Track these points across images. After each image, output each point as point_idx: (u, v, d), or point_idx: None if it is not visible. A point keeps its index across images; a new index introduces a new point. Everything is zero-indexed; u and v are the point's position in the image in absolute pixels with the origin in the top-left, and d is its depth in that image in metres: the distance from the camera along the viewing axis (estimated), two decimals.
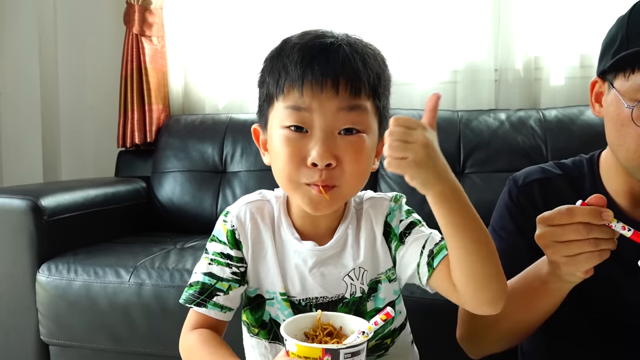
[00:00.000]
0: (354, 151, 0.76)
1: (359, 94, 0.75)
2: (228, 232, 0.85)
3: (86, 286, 1.57)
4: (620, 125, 0.84)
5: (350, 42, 0.79)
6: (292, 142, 0.76)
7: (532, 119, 2.01)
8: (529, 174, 1.01)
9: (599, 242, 0.71)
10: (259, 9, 2.39)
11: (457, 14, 2.23)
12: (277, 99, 0.78)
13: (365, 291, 0.84)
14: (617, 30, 0.88)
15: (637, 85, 0.81)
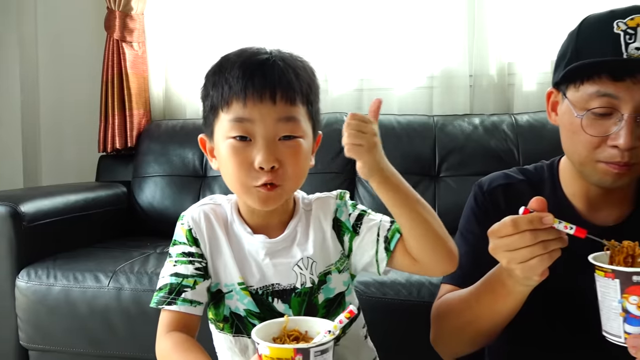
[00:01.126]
0: (294, 155, 0.86)
1: (294, 102, 0.86)
2: (186, 232, 0.92)
3: (65, 291, 1.59)
4: (572, 133, 0.89)
5: (283, 57, 0.88)
6: (238, 150, 0.85)
7: (505, 123, 2.06)
8: (493, 180, 1.06)
9: (548, 244, 0.75)
10: (239, 14, 2.43)
11: (433, 22, 2.28)
12: (222, 111, 0.86)
13: (315, 282, 0.91)
14: (567, 44, 0.93)
15: (587, 96, 0.86)
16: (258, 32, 2.41)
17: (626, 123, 0.83)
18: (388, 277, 1.44)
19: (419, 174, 2.04)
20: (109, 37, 2.38)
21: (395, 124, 2.14)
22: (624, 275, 0.72)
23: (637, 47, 0.82)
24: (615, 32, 0.84)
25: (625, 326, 0.73)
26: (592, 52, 0.86)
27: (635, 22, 0.83)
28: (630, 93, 0.82)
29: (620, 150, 0.84)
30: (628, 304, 0.72)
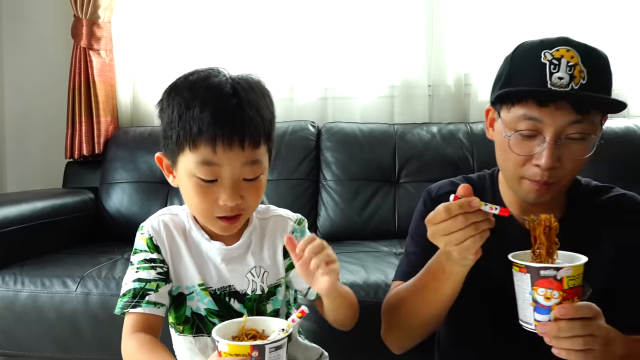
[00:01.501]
0: (256, 190, 0.93)
1: (259, 145, 0.90)
2: (147, 240, 0.98)
3: (33, 297, 1.62)
4: (503, 150, 0.98)
5: (249, 98, 0.89)
6: (204, 189, 0.90)
7: (461, 132, 2.17)
8: (440, 187, 1.15)
9: (478, 225, 0.83)
10: (205, 23, 2.48)
11: (394, 35, 2.39)
12: (189, 149, 0.89)
13: (265, 291, 0.98)
14: (503, 68, 1.02)
15: (516, 118, 0.94)
16: (224, 42, 2.47)
17: (548, 145, 0.92)
18: (346, 279, 1.52)
19: (379, 180, 2.14)
20: (76, 44, 2.40)
21: (358, 132, 2.23)
22: (534, 270, 0.81)
23: (559, 77, 0.90)
24: (542, 61, 0.92)
25: (535, 315, 0.82)
26: (522, 78, 0.94)
27: (559, 54, 0.92)
28: (553, 118, 0.91)
29: (541, 170, 0.93)
30: (537, 295, 0.81)
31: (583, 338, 0.80)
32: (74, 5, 2.36)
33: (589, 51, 0.94)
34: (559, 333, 0.80)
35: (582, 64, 0.91)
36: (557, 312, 0.80)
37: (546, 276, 0.80)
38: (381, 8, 2.38)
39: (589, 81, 0.90)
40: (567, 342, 0.80)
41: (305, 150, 2.21)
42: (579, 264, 0.82)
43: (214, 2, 2.48)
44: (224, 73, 0.93)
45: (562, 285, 0.80)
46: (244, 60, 2.44)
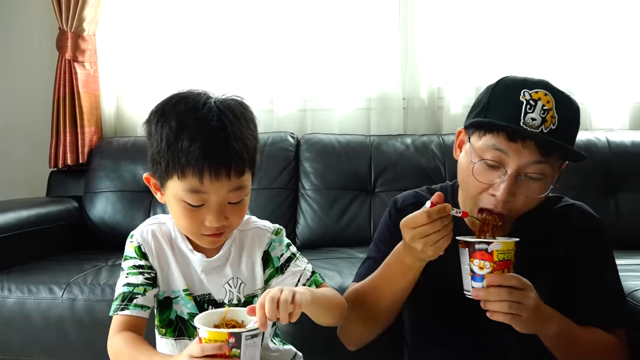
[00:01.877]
0: (240, 211, 1.01)
1: (244, 173, 0.97)
2: (135, 248, 1.06)
3: (20, 303, 1.67)
4: (466, 174, 1.07)
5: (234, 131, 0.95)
6: (191, 212, 0.97)
7: (433, 143, 2.28)
8: (405, 199, 1.24)
9: (448, 227, 0.96)
10: (188, 35, 2.55)
11: (370, 50, 2.49)
12: (177, 178, 0.95)
13: (242, 301, 1.06)
14: (483, 96, 1.09)
15: (485, 147, 1.02)
16: (206, 55, 2.54)
17: (507, 178, 1.00)
18: None
19: (356, 189, 2.23)
20: (61, 57, 2.45)
21: (336, 143, 2.32)
22: (471, 245, 0.97)
23: (532, 118, 0.98)
24: (521, 99, 0.99)
25: (472, 283, 0.98)
26: (499, 111, 1.02)
27: (538, 96, 0.99)
28: (518, 154, 0.99)
29: (497, 200, 1.02)
30: (473, 265, 0.97)
31: (509, 303, 0.94)
32: (59, 18, 2.42)
33: (565, 100, 1.01)
34: (487, 297, 0.95)
35: (556, 110, 0.98)
36: (488, 279, 0.95)
37: (479, 249, 0.96)
38: (358, 25, 2.49)
39: (558, 127, 0.98)
40: (496, 305, 0.94)
41: (285, 160, 2.29)
42: (509, 241, 0.96)
43: (196, 16, 2.55)
44: (210, 101, 0.96)
45: (493, 257, 0.95)
46: (226, 73, 2.52)
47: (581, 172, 2.13)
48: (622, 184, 2.16)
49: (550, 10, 2.46)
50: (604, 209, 2.11)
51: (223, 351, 0.82)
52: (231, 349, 0.83)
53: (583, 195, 1.22)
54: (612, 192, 2.15)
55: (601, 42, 2.43)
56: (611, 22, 2.42)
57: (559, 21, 2.46)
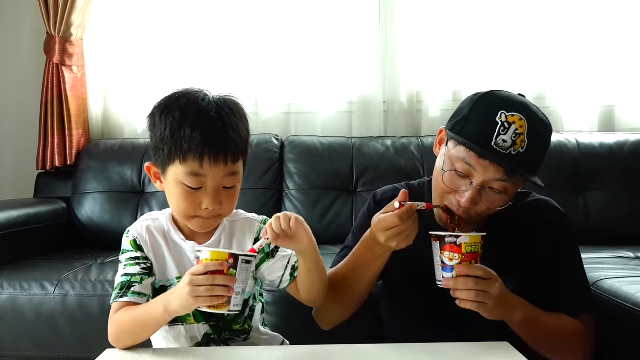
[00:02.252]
0: (233, 197, 1.10)
1: (238, 160, 1.08)
2: (131, 242, 1.13)
3: (12, 299, 1.72)
4: (437, 175, 1.16)
5: (231, 122, 1.06)
6: (190, 195, 1.06)
7: (412, 145, 2.37)
8: (384, 192, 1.32)
9: (415, 220, 1.06)
10: (174, 39, 2.62)
11: (352, 56, 2.58)
12: (179, 162, 1.04)
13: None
14: (464, 107, 1.14)
15: (457, 157, 1.10)
16: (192, 59, 2.61)
17: (472, 189, 1.09)
18: None
19: (338, 189, 2.31)
20: (49, 60, 2.49)
21: (319, 145, 2.40)
22: (441, 238, 1.06)
23: (504, 140, 1.05)
24: (497, 120, 1.06)
25: (443, 273, 1.06)
26: (476, 126, 1.09)
27: (513, 119, 1.06)
28: (484, 170, 1.07)
29: (459, 205, 1.11)
30: (444, 257, 1.05)
31: (475, 292, 1.02)
32: (47, 23, 2.47)
33: (538, 127, 1.08)
34: (456, 285, 1.03)
35: (527, 135, 1.05)
36: (457, 269, 1.04)
37: (449, 242, 1.04)
38: (340, 31, 2.58)
39: (525, 151, 1.06)
40: (464, 294, 1.03)
41: (270, 161, 2.37)
42: (476, 235, 1.05)
43: (181, 21, 2.62)
44: (208, 97, 1.08)
45: (461, 249, 1.04)
46: (211, 77, 2.59)
47: (552, 171, 2.22)
48: (590, 183, 2.27)
49: (523, 18, 2.57)
50: (574, 207, 2.22)
51: (223, 268, 0.92)
52: (229, 269, 0.93)
53: (554, 194, 1.30)
54: (582, 191, 2.26)
55: (572, 47, 2.55)
56: (581, 28, 2.54)
57: (533, 28, 2.57)
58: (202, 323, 1.13)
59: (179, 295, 0.95)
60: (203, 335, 1.14)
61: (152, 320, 1.02)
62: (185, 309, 0.97)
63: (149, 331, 1.05)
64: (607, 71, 2.56)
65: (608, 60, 2.56)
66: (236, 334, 1.16)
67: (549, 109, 2.57)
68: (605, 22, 2.55)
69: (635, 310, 1.33)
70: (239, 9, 2.60)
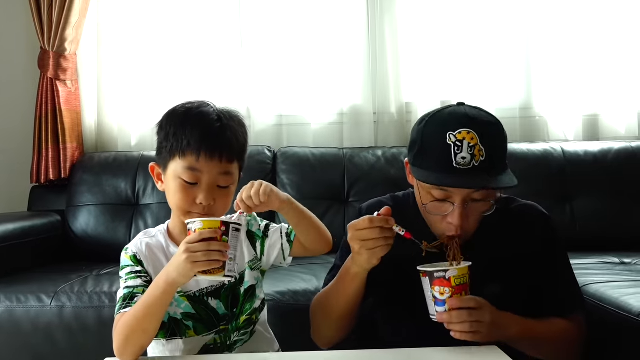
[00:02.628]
0: (225, 197, 1.16)
1: (233, 161, 1.15)
2: (131, 257, 1.16)
3: (9, 311, 1.73)
4: (422, 209, 1.19)
5: (230, 125, 1.16)
6: (186, 189, 1.13)
7: (403, 154, 2.41)
8: (370, 206, 1.35)
9: (387, 239, 1.07)
10: (167, 52, 2.66)
11: (343, 68, 2.63)
12: (178, 157, 1.13)
13: (237, 278, 1.19)
14: (416, 137, 1.18)
15: (430, 188, 1.13)
16: (184, 72, 2.65)
17: (456, 208, 1.13)
18: (300, 287, 1.71)
19: (330, 199, 2.35)
20: (43, 75, 2.52)
21: (310, 156, 2.44)
22: (430, 274, 1.07)
23: (463, 157, 1.08)
24: (448, 142, 1.09)
25: (436, 308, 1.08)
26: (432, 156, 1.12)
27: (462, 136, 1.09)
28: (460, 190, 1.11)
29: (454, 226, 1.14)
30: (434, 292, 1.07)
31: (470, 323, 1.04)
32: (41, 38, 2.49)
33: (486, 129, 1.12)
34: (451, 319, 1.05)
35: (481, 143, 1.09)
36: (449, 303, 1.06)
37: (438, 277, 1.06)
38: (330, 44, 2.63)
39: (487, 157, 1.09)
40: (459, 326, 1.05)
41: (262, 172, 2.40)
42: (462, 267, 1.07)
43: (173, 35, 2.66)
44: (212, 106, 1.18)
45: (451, 283, 1.05)
46: (204, 89, 2.62)
47: (539, 179, 2.29)
48: (576, 190, 2.32)
49: (510, 29, 2.64)
50: (561, 214, 2.27)
51: (217, 235, 0.99)
52: (222, 236, 1.00)
53: (541, 201, 1.33)
54: (568, 198, 2.31)
55: (557, 57, 2.61)
56: (566, 38, 2.61)
57: (519, 38, 2.64)
58: (203, 335, 1.16)
59: (177, 264, 1.00)
60: (201, 347, 1.16)
61: (156, 300, 1.03)
62: (185, 276, 1.00)
63: (154, 317, 1.05)
64: (591, 81, 2.62)
65: (592, 70, 2.62)
66: (244, 327, 1.20)
67: (535, 118, 2.63)
68: (590, 32, 2.62)
69: (619, 314, 1.38)
70: (230, 22, 2.64)
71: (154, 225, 1.26)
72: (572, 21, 2.62)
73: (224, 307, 1.17)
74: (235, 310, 1.18)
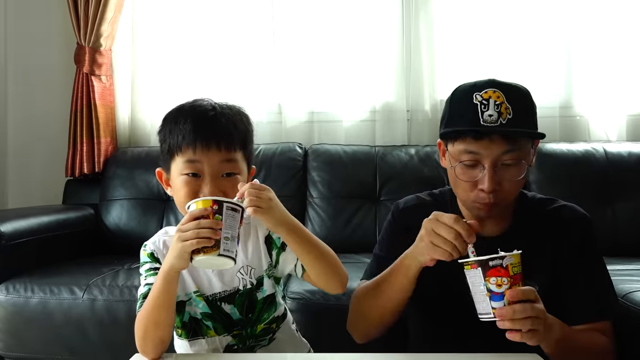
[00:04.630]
0: (233, 187, 1.07)
1: (234, 148, 1.10)
2: (148, 254, 1.14)
3: (43, 303, 1.75)
4: (453, 178, 1.16)
5: (224, 113, 1.11)
6: (190, 184, 1.08)
7: (436, 153, 2.34)
8: (407, 202, 1.33)
9: (454, 248, 1.01)
10: (199, 48, 2.66)
11: (376, 65, 2.59)
12: (177, 154, 1.09)
13: (254, 284, 1.15)
14: (445, 109, 1.19)
15: (458, 152, 1.12)
16: (216, 68, 2.65)
17: (487, 172, 1.09)
18: None
19: (362, 198, 2.31)
20: (79, 70, 2.55)
21: (342, 153, 2.41)
22: (484, 263, 0.94)
23: (489, 115, 1.08)
24: (474, 102, 1.09)
25: (491, 303, 0.94)
26: (460, 117, 1.12)
27: (487, 95, 1.09)
28: (488, 150, 1.09)
29: (485, 193, 1.10)
30: (490, 284, 0.94)
31: (531, 319, 0.94)
32: (77, 34, 2.53)
33: (512, 90, 1.11)
34: (514, 315, 0.93)
35: (507, 102, 1.08)
36: (509, 295, 0.93)
37: (494, 265, 0.94)
38: (364, 39, 2.59)
39: (514, 115, 1.08)
40: (521, 323, 0.93)
41: (293, 169, 2.38)
42: (517, 253, 0.97)
43: (206, 31, 2.66)
44: (208, 100, 1.14)
45: (509, 272, 0.94)
46: (236, 85, 2.62)
47: (579, 181, 2.22)
48: (619, 193, 2.23)
49: (549, 23, 2.56)
50: (602, 217, 2.18)
51: (208, 213, 0.95)
52: (214, 214, 0.95)
53: (581, 204, 1.27)
54: (610, 201, 2.22)
55: (599, 55, 2.52)
56: (608, 34, 2.51)
57: (558, 34, 2.56)
58: (224, 335, 1.14)
59: (172, 248, 0.98)
60: (225, 347, 1.15)
61: (161, 289, 1.02)
62: (180, 257, 0.96)
63: (163, 308, 1.03)
64: (635, 78, 2.52)
65: (636, 67, 2.52)
66: (261, 335, 1.16)
67: (576, 117, 2.55)
68: (634, 27, 2.52)
69: None
70: (263, 18, 2.63)
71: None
72: (614, 15, 2.52)
73: (238, 313, 1.14)
74: (250, 315, 1.14)
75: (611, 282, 1.22)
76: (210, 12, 2.67)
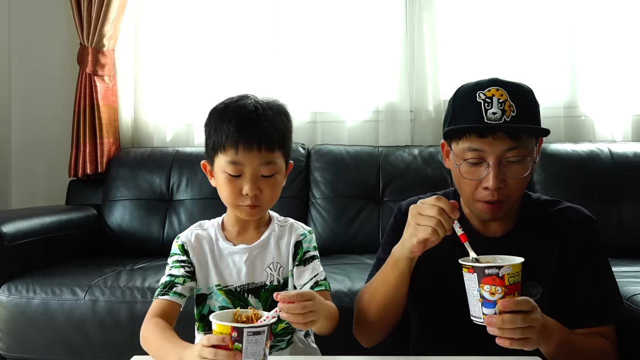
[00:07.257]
0: (271, 187, 1.16)
1: (273, 150, 1.14)
2: (179, 246, 1.21)
3: (44, 304, 1.75)
4: (457, 177, 1.16)
5: (266, 115, 1.15)
6: (232, 182, 1.14)
7: (440, 154, 2.33)
8: (409, 204, 1.30)
9: (439, 224, 1.01)
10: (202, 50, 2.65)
11: (379, 65, 2.58)
12: (220, 152, 1.14)
13: (281, 282, 1.20)
14: (448, 108, 1.20)
15: (462, 150, 1.12)
16: (218, 69, 2.64)
17: (492, 169, 1.09)
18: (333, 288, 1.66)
19: (364, 199, 2.30)
20: (82, 70, 2.55)
21: (345, 154, 2.40)
22: (480, 270, 0.94)
23: (493, 112, 1.08)
24: (478, 100, 1.09)
25: (483, 309, 0.94)
26: (464, 116, 1.12)
27: (490, 93, 1.09)
28: (492, 147, 1.09)
29: (490, 190, 1.10)
30: (483, 291, 0.94)
31: (522, 329, 0.93)
32: (80, 34, 2.53)
33: (515, 88, 1.12)
34: (502, 324, 0.93)
35: (510, 99, 1.09)
36: (501, 305, 0.92)
37: (490, 274, 0.93)
38: (367, 40, 2.58)
39: (518, 113, 1.08)
40: (509, 332, 0.93)
41: (296, 170, 2.37)
42: (517, 263, 0.95)
43: (209, 32, 2.65)
44: (252, 97, 1.18)
45: (504, 281, 0.92)
46: (239, 86, 2.61)
47: (584, 182, 2.20)
48: (624, 194, 2.21)
49: (554, 23, 2.54)
50: (607, 218, 2.16)
51: (226, 343, 0.87)
52: (233, 343, 0.87)
53: (586, 205, 1.26)
54: (615, 202, 2.20)
55: (604, 55, 2.50)
56: (614, 35, 2.50)
57: (563, 33, 2.54)
58: None
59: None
60: None
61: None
62: None
63: None
64: None
65: None
66: (280, 335, 1.19)
67: (581, 118, 2.53)
68: (637, 27, 2.50)
69: None
70: (266, 18, 2.62)
71: (187, 222, 1.27)
72: (619, 15, 2.50)
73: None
74: None
75: (616, 286, 1.21)
76: (213, 13, 2.66)
